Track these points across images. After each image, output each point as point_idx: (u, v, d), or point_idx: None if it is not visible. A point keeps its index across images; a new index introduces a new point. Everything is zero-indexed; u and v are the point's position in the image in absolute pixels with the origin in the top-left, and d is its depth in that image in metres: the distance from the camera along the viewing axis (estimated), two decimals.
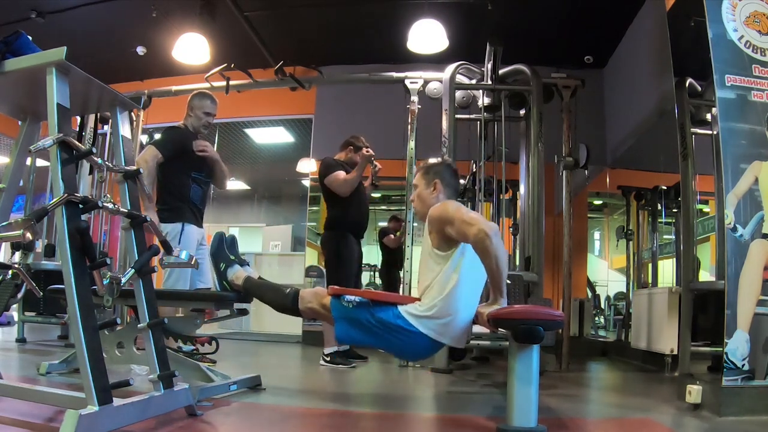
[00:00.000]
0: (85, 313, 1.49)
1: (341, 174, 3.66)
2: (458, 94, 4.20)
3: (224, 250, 2.48)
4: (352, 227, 3.73)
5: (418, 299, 2.13)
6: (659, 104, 4.16)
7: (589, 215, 6.33)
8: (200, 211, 3.16)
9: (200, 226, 3.15)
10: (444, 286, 2.04)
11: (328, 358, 3.56)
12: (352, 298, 2.11)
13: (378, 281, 6.19)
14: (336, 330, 2.15)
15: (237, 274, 2.42)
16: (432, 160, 2.40)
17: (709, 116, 3.09)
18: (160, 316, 1.87)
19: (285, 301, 2.30)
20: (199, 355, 3.26)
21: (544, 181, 3.96)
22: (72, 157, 1.61)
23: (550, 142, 4.09)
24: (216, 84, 4.93)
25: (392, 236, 5.51)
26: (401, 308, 2.08)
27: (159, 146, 3.00)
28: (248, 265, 2.54)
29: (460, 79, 4.18)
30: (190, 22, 4.66)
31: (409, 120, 4.39)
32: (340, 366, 3.50)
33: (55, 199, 1.52)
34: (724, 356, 2.21)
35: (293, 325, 5.33)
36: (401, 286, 4.39)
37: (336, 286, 2.21)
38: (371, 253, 5.84)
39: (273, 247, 6.82)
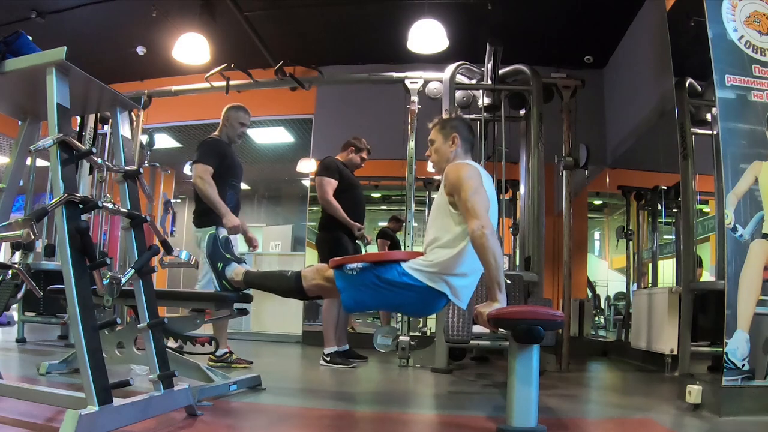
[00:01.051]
0: (85, 313, 1.49)
1: (330, 186, 3.67)
2: (458, 94, 4.20)
3: (220, 250, 2.48)
4: (347, 228, 3.72)
5: (422, 254, 2.13)
6: (659, 104, 4.16)
7: (589, 215, 6.33)
8: (235, 215, 3.29)
9: None
10: (453, 246, 2.05)
11: (328, 358, 3.56)
12: (355, 264, 2.11)
13: None
14: (342, 299, 2.14)
15: (236, 270, 2.42)
16: (446, 114, 2.39)
17: (709, 116, 3.10)
18: None
19: (288, 284, 2.28)
20: (233, 358, 3.32)
21: (544, 181, 3.97)
22: (72, 157, 1.61)
23: (550, 142, 4.09)
24: (216, 84, 4.93)
25: (385, 240, 5.42)
26: (405, 265, 2.08)
27: (205, 160, 3.20)
28: (245, 263, 2.54)
29: (460, 79, 4.18)
30: (190, 22, 4.65)
31: (409, 120, 4.39)
32: (340, 366, 3.50)
33: (55, 199, 1.52)
34: (724, 356, 2.21)
35: (293, 325, 5.34)
36: None
37: (337, 258, 2.21)
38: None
39: (273, 247, 6.82)
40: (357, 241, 3.83)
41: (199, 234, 3.27)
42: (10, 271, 2.25)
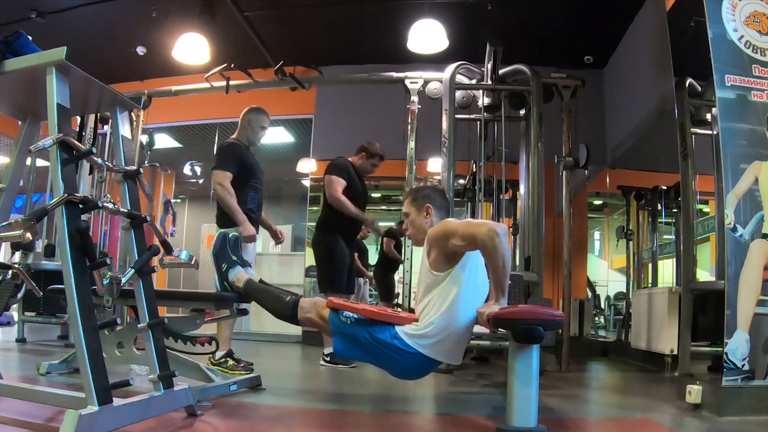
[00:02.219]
0: (85, 313, 1.49)
1: (340, 186, 3.65)
2: (458, 94, 4.20)
3: (227, 251, 2.49)
4: (344, 230, 3.71)
5: (416, 319, 2.11)
6: (659, 104, 4.16)
7: (589, 215, 6.33)
8: (256, 216, 3.35)
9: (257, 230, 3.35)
10: (443, 302, 2.03)
11: (328, 358, 3.55)
12: (350, 314, 2.10)
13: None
14: (334, 344, 2.14)
15: (238, 275, 2.42)
16: (416, 185, 2.40)
17: (709, 116, 3.09)
18: None
19: (284, 309, 2.29)
20: (230, 364, 3.27)
21: (544, 181, 3.96)
22: (72, 157, 1.61)
23: (550, 142, 4.09)
24: (216, 84, 4.93)
25: (391, 239, 5.42)
26: (399, 329, 2.06)
27: (224, 167, 3.20)
28: (250, 266, 2.54)
29: (460, 79, 4.18)
30: (190, 22, 4.66)
31: (409, 120, 4.39)
32: (340, 366, 3.50)
33: (55, 199, 1.52)
34: (724, 356, 2.21)
35: (293, 326, 5.33)
36: (401, 285, 4.38)
37: (334, 300, 2.20)
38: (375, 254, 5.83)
39: (273, 247, 6.81)
40: (357, 241, 3.82)
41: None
42: (10, 271, 2.25)
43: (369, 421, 2.19)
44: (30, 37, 1.80)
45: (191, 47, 4.66)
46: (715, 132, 2.56)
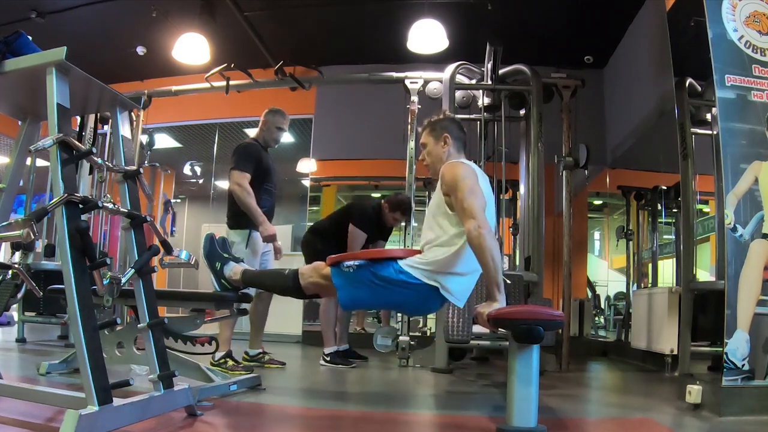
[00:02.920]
0: (85, 313, 1.49)
1: (360, 238, 3.65)
2: (458, 94, 4.20)
3: (217, 250, 2.48)
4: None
5: (419, 252, 2.12)
6: (659, 104, 4.16)
7: (589, 215, 6.33)
8: (269, 218, 3.34)
9: None
10: (449, 245, 2.05)
11: (328, 358, 3.56)
12: (351, 262, 2.10)
13: None
14: (339, 297, 2.13)
15: (234, 269, 2.41)
16: (435, 116, 2.39)
17: (709, 116, 3.10)
18: None
19: (286, 282, 2.28)
20: (267, 357, 3.39)
21: (544, 181, 3.97)
22: (72, 157, 1.61)
23: (550, 142, 4.09)
24: (216, 84, 4.93)
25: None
26: (401, 262, 2.07)
27: (242, 167, 3.20)
28: (243, 261, 2.53)
29: (460, 79, 4.18)
30: (190, 22, 4.65)
31: (409, 120, 4.39)
32: (340, 366, 3.50)
33: (55, 199, 1.52)
34: (724, 356, 2.21)
35: (293, 325, 5.33)
36: None
37: (334, 255, 2.20)
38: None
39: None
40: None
41: (231, 235, 3.26)
42: (10, 271, 2.25)
43: (369, 421, 2.19)
44: (30, 37, 1.80)
45: (191, 47, 4.66)
46: (715, 132, 2.56)
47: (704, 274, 3.97)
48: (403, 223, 4.15)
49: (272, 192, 3.42)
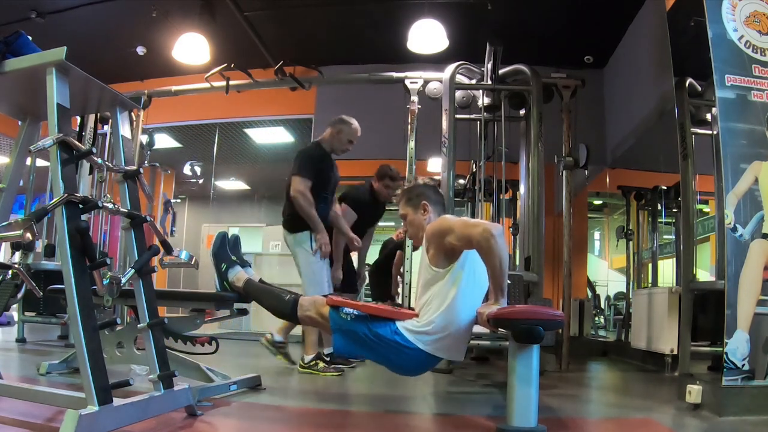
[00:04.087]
0: (85, 313, 1.49)
1: (349, 216, 3.66)
2: (458, 94, 4.20)
3: (226, 251, 2.48)
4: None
5: (416, 314, 2.10)
6: (659, 104, 4.16)
7: (589, 215, 6.33)
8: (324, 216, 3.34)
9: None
10: (443, 301, 2.02)
11: (328, 359, 3.55)
12: (350, 311, 2.10)
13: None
14: (333, 341, 2.14)
15: (238, 275, 2.42)
16: (408, 185, 2.38)
17: (709, 116, 3.09)
18: None
19: (284, 308, 2.29)
20: (321, 365, 3.34)
21: (544, 181, 3.96)
22: (72, 157, 1.61)
23: (550, 142, 4.08)
24: (216, 84, 4.93)
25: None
26: (399, 324, 2.05)
27: (304, 173, 3.21)
28: (249, 266, 2.54)
29: (460, 79, 4.18)
30: (190, 22, 4.66)
31: (409, 120, 4.38)
32: (340, 366, 3.50)
33: (55, 199, 1.52)
34: (724, 356, 2.21)
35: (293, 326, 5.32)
36: (401, 286, 4.37)
37: (334, 297, 2.20)
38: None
39: (273, 247, 6.81)
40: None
41: (289, 238, 3.34)
42: (10, 271, 2.25)
43: (369, 421, 2.19)
44: (30, 37, 1.80)
45: (191, 47, 4.66)
46: (715, 132, 2.56)
47: (704, 274, 3.97)
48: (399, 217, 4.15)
49: (328, 200, 3.40)
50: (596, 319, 6.07)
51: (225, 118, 6.48)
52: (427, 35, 4.37)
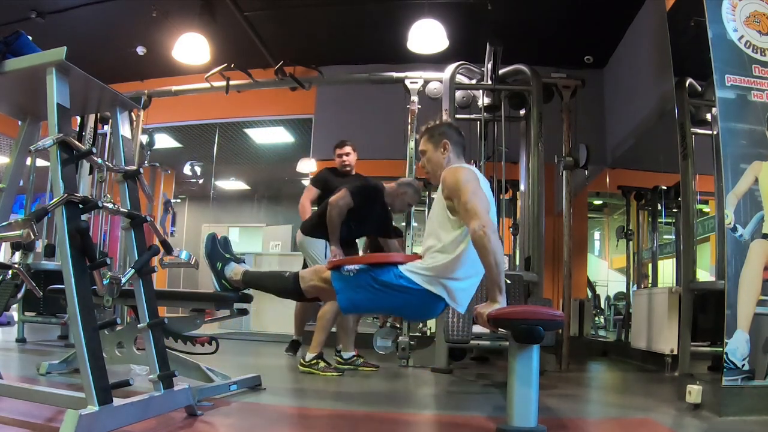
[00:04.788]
0: (85, 313, 1.49)
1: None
2: (458, 94, 4.20)
3: (219, 250, 2.48)
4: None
5: (420, 257, 2.11)
6: (659, 104, 4.16)
7: (589, 215, 6.33)
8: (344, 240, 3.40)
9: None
10: (451, 251, 2.03)
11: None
12: (352, 267, 2.10)
13: None
14: (339, 300, 2.12)
15: (235, 270, 2.41)
16: (432, 122, 2.37)
17: (709, 116, 3.10)
18: None
19: (286, 284, 2.29)
20: (361, 360, 3.44)
21: (544, 181, 3.96)
22: (72, 157, 1.61)
23: (550, 142, 4.09)
24: (216, 84, 4.93)
25: None
26: (402, 267, 2.06)
27: (353, 195, 3.32)
28: (244, 262, 2.53)
29: (460, 79, 4.18)
30: (190, 22, 4.66)
31: (409, 120, 4.38)
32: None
33: (55, 199, 1.52)
34: (724, 356, 2.21)
35: (293, 326, 5.33)
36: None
37: (333, 260, 2.20)
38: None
39: (273, 247, 6.83)
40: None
41: (300, 239, 3.46)
42: (10, 271, 2.26)
43: (369, 421, 2.19)
44: (30, 37, 1.80)
45: (191, 47, 4.66)
46: (715, 132, 2.56)
47: (704, 274, 3.97)
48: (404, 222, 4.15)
49: (352, 231, 3.44)
50: (596, 319, 6.07)
51: (225, 118, 6.48)
52: (427, 35, 4.37)
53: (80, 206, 1.56)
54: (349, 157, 3.96)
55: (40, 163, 4.83)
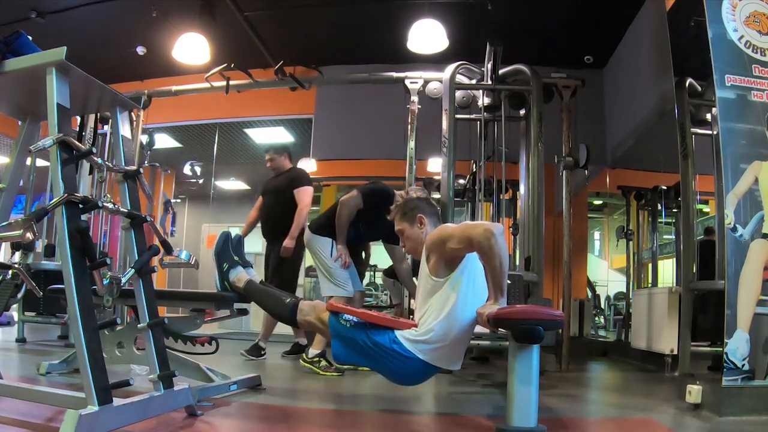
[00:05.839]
0: (85, 313, 1.49)
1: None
2: (458, 94, 4.20)
3: (229, 251, 2.48)
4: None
5: (416, 325, 2.09)
6: (659, 104, 4.16)
7: (589, 215, 6.33)
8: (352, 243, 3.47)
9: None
10: (442, 308, 2.01)
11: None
12: (350, 317, 2.08)
13: (378, 281, 6.11)
14: (332, 347, 2.13)
15: (239, 276, 2.42)
16: (400, 200, 2.35)
17: (709, 116, 3.09)
18: None
19: (284, 311, 2.28)
20: (329, 363, 3.35)
21: (544, 181, 3.96)
22: (72, 157, 1.61)
23: (550, 142, 4.08)
24: (216, 84, 4.93)
25: None
26: (398, 333, 2.04)
27: (365, 196, 3.38)
28: (251, 267, 2.53)
29: (460, 79, 4.18)
30: (190, 22, 4.65)
31: (409, 120, 4.38)
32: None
33: (55, 199, 1.52)
34: (724, 356, 2.21)
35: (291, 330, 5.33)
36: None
37: (335, 303, 2.19)
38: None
39: None
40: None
41: (308, 237, 3.51)
42: (10, 271, 2.25)
43: (369, 421, 2.19)
44: (30, 37, 1.80)
45: (191, 47, 4.66)
46: (715, 132, 2.56)
47: None
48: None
49: (360, 233, 3.49)
50: (596, 319, 6.07)
51: (225, 118, 6.48)
52: (427, 35, 4.37)
53: (80, 206, 1.56)
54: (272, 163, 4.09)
55: (40, 163, 4.83)
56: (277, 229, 3.97)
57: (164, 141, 7.02)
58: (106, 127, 4.93)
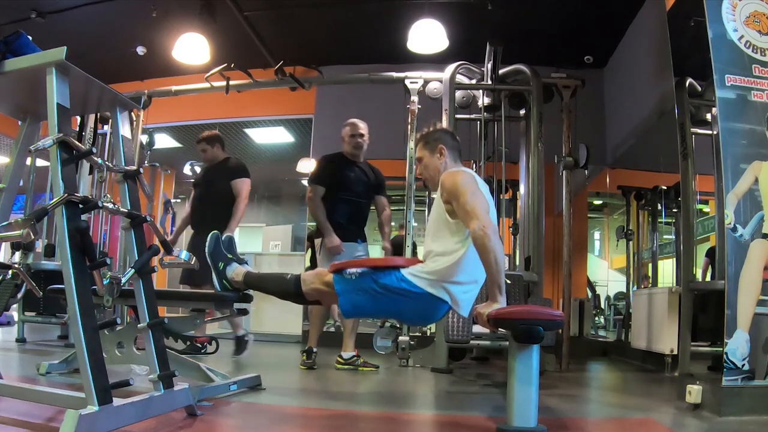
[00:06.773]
0: (85, 313, 1.49)
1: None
2: (458, 94, 4.20)
3: (221, 250, 2.47)
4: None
5: (422, 261, 2.11)
6: (659, 104, 4.16)
7: (589, 215, 6.33)
8: (344, 226, 3.47)
9: (349, 239, 3.47)
10: (452, 254, 2.04)
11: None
12: (354, 270, 2.10)
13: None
14: (341, 303, 2.12)
15: (236, 271, 2.41)
16: (426, 129, 2.38)
17: (709, 116, 3.09)
18: None
19: (288, 286, 2.28)
20: (361, 360, 3.49)
21: (544, 181, 3.96)
22: (72, 157, 1.61)
23: (550, 142, 4.09)
24: (216, 84, 4.92)
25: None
26: (404, 271, 2.06)
27: (315, 180, 3.48)
28: (247, 263, 2.53)
29: (460, 79, 4.18)
30: (190, 22, 4.66)
31: (409, 120, 4.38)
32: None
33: (55, 199, 1.52)
34: (724, 356, 2.21)
35: (293, 325, 5.34)
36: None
37: (336, 263, 2.21)
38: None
39: (273, 247, 6.81)
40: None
41: (318, 243, 3.52)
42: (10, 271, 2.25)
43: (369, 421, 2.19)
44: (30, 37, 1.80)
45: (191, 47, 4.66)
46: (715, 132, 2.56)
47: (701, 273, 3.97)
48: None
49: (351, 201, 3.52)
50: (596, 319, 6.07)
51: (225, 118, 6.47)
52: (427, 35, 4.37)
53: (80, 206, 1.56)
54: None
55: (40, 163, 4.84)
56: (208, 219, 3.69)
57: (164, 141, 7.02)
58: (106, 127, 4.93)
